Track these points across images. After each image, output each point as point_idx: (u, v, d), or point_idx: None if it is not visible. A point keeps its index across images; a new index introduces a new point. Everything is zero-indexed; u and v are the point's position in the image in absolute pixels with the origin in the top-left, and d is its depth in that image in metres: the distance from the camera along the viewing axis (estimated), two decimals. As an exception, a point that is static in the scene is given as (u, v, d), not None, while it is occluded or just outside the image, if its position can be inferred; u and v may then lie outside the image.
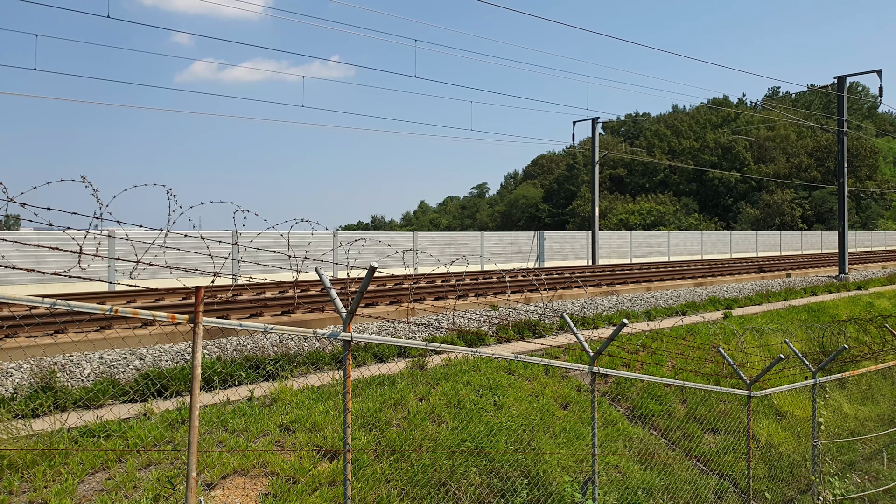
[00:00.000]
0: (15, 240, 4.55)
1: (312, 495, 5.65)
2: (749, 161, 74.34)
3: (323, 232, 24.68)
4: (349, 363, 4.48)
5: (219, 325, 3.94)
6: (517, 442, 7.20)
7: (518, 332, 11.65)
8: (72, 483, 5.28)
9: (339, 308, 4.46)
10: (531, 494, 6.60)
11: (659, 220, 67.67)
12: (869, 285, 21.81)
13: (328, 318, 11.44)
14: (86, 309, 3.62)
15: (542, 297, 14.25)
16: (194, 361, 3.71)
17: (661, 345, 11.38)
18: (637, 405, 9.41)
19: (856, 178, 67.97)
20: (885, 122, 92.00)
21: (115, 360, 8.20)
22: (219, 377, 7.80)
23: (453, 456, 6.56)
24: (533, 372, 9.12)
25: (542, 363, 6.99)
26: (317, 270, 4.59)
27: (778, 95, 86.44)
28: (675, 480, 7.95)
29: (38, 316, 9.86)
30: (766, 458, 9.29)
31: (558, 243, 35.47)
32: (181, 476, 5.41)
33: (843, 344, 12.30)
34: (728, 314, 15.03)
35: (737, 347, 12.47)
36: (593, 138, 33.75)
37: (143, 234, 17.82)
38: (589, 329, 12.39)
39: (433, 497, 6.08)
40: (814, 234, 57.18)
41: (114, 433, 6.07)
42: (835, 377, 10.16)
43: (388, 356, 9.46)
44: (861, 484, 9.77)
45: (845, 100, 23.67)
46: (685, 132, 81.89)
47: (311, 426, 6.58)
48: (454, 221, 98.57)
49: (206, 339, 9.33)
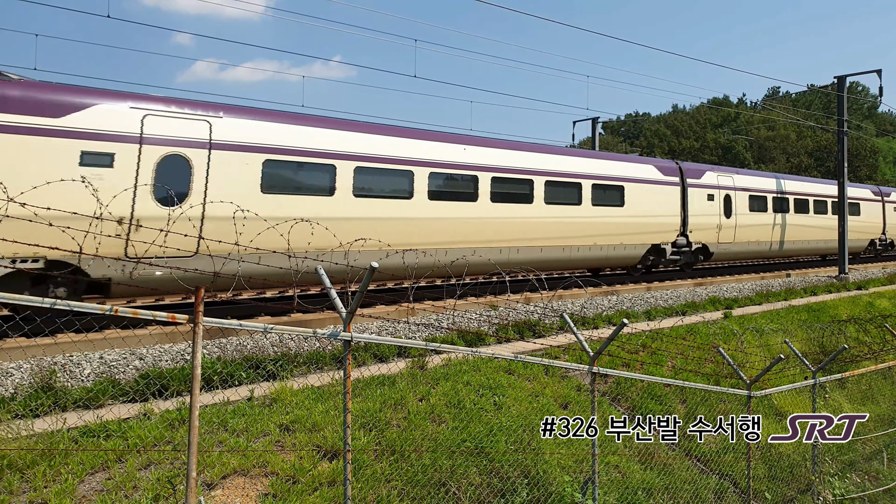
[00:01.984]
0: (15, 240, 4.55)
1: (312, 495, 5.66)
2: (749, 161, 74.34)
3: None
4: (349, 363, 4.49)
5: (219, 325, 3.94)
6: (517, 442, 7.20)
7: (518, 332, 11.65)
8: (72, 483, 5.28)
9: (339, 308, 4.46)
10: (531, 494, 6.60)
11: (659, 220, 67.59)
12: (869, 285, 21.80)
13: (328, 318, 11.44)
14: (86, 309, 3.62)
15: (542, 297, 14.25)
16: (194, 361, 3.71)
17: (661, 345, 11.38)
18: (637, 405, 9.41)
19: (856, 178, 67.96)
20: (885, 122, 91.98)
21: (115, 360, 8.19)
22: (219, 377, 7.80)
23: (453, 456, 6.56)
24: (533, 372, 9.12)
25: (542, 363, 6.99)
26: (317, 270, 4.59)
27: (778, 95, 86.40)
28: (675, 480, 7.96)
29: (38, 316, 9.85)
30: (766, 458, 9.29)
31: (558, 243, 35.34)
32: (181, 476, 5.41)
33: (843, 344, 12.29)
34: (728, 314, 15.03)
35: (737, 347, 12.47)
36: (593, 138, 33.76)
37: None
38: (589, 329, 12.39)
39: (433, 497, 6.08)
40: (814, 234, 57.08)
41: (114, 433, 6.07)
42: (835, 377, 10.16)
43: (388, 356, 9.46)
44: (861, 484, 9.77)
45: (845, 100, 23.66)
46: (685, 132, 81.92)
47: (311, 426, 6.58)
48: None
49: (206, 339, 9.32)
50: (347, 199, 12.09)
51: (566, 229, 15.80)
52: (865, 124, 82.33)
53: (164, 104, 10.27)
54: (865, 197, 29.25)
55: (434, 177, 13.37)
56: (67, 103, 9.31)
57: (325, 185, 11.91)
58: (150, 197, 9.78)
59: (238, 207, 10.05)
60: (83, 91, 9.71)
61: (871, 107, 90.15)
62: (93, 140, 9.32)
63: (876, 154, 75.63)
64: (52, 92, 9.31)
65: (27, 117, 8.87)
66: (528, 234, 14.95)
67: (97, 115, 9.49)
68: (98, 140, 9.37)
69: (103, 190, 9.15)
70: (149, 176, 9.75)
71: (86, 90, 9.77)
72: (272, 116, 11.74)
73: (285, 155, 11.39)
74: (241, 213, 10.01)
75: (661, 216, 18.71)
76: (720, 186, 20.87)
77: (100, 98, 9.66)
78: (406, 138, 13.28)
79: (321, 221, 11.31)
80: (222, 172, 10.48)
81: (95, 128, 9.38)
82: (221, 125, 10.66)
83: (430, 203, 13.25)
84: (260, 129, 11.20)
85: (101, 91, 9.89)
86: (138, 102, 9.99)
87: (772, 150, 75.33)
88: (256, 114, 11.53)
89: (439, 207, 13.38)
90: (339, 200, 11.98)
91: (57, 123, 9.11)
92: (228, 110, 11.05)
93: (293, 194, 11.46)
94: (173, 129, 10.11)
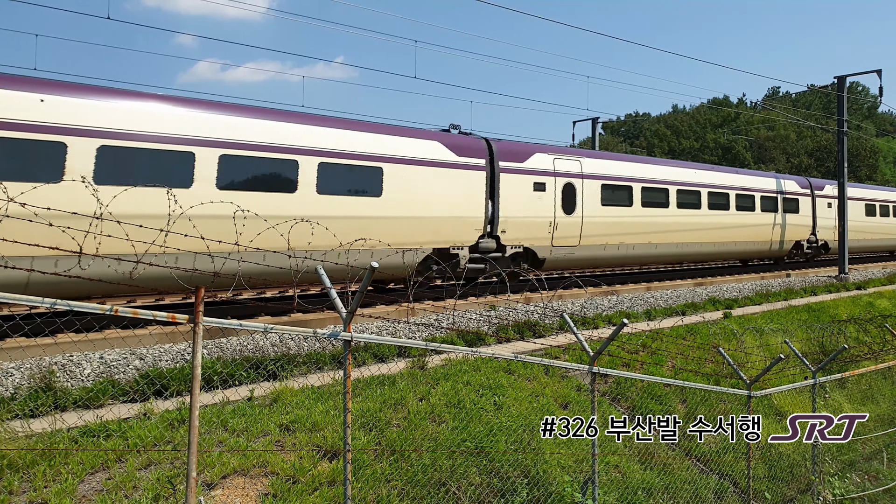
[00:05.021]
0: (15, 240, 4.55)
1: (312, 495, 5.66)
2: (749, 161, 74.36)
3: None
4: (349, 363, 4.48)
5: (219, 325, 3.94)
6: (517, 442, 7.20)
7: (518, 331, 11.64)
8: (72, 483, 5.28)
9: (339, 308, 4.46)
10: (531, 494, 6.60)
11: (659, 220, 67.57)
12: (869, 285, 21.81)
13: (328, 318, 11.44)
14: (86, 309, 3.62)
15: (541, 297, 14.24)
16: (194, 361, 3.71)
17: (661, 345, 11.38)
18: (637, 405, 9.41)
19: (856, 178, 67.97)
20: (885, 122, 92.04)
21: (115, 360, 8.19)
22: (219, 377, 7.80)
23: (453, 456, 6.56)
24: (533, 372, 9.12)
25: (542, 363, 6.99)
26: (317, 270, 4.59)
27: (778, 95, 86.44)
28: (675, 480, 7.95)
29: (38, 316, 9.85)
30: (766, 458, 9.29)
31: (558, 243, 35.39)
32: (181, 476, 5.41)
33: (843, 344, 12.29)
34: (728, 314, 15.03)
35: (737, 347, 12.47)
36: (593, 138, 33.76)
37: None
38: (589, 329, 12.39)
39: (433, 497, 6.08)
40: (814, 234, 57.08)
41: (114, 433, 6.07)
42: (835, 377, 10.16)
43: (388, 356, 9.46)
44: (861, 484, 9.77)
45: (845, 100, 23.65)
46: (685, 132, 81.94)
47: (311, 426, 6.58)
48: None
49: (206, 339, 9.32)
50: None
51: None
52: (865, 124, 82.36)
53: (561, 153, 16.75)
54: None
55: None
56: (524, 152, 15.67)
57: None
58: (560, 208, 16.12)
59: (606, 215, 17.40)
60: (528, 146, 16.12)
61: (871, 107, 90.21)
62: (536, 175, 15.71)
63: (876, 154, 75.64)
64: (518, 146, 15.84)
65: (506, 163, 15.17)
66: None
67: (536, 160, 15.89)
68: (538, 175, 15.76)
69: (542, 204, 15.74)
70: (559, 196, 16.12)
71: (528, 146, 16.08)
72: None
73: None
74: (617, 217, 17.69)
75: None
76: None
77: (536, 150, 16.04)
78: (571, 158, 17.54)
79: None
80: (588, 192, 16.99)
81: (536, 167, 15.80)
82: (586, 163, 17.06)
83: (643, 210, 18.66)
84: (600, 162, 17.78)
85: (536, 146, 16.33)
86: (551, 153, 16.38)
87: (772, 150, 75.33)
88: (602, 156, 18.42)
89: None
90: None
91: (518, 165, 15.43)
92: (589, 154, 17.80)
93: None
94: (566, 167, 16.48)
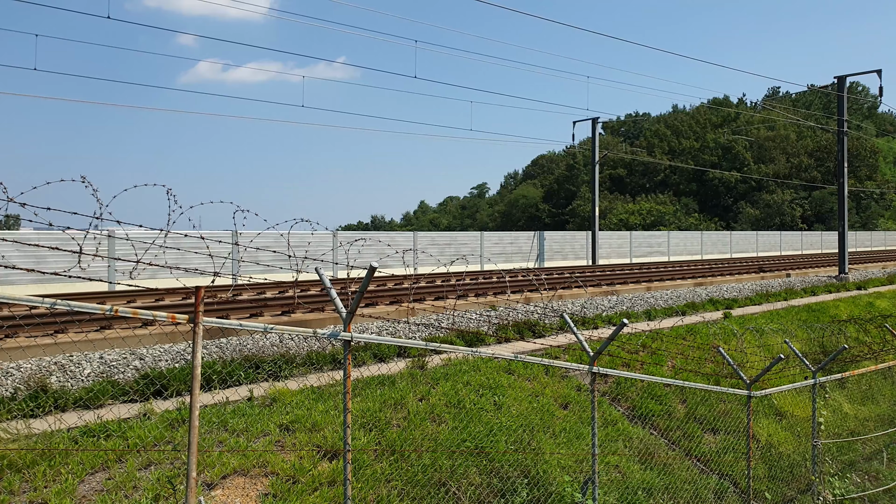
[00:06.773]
0: (15, 240, 4.55)
1: (312, 495, 5.65)
2: (749, 161, 74.31)
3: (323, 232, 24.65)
4: (349, 363, 4.48)
5: (219, 325, 3.94)
6: (517, 442, 7.20)
7: (518, 332, 11.65)
8: (72, 483, 5.28)
9: (339, 308, 4.46)
10: (531, 494, 6.60)
11: (659, 220, 67.64)
12: (869, 285, 21.80)
13: (328, 318, 11.44)
14: (86, 309, 3.62)
15: (542, 297, 14.24)
16: (194, 361, 3.71)
17: (660, 345, 11.37)
18: (637, 405, 9.40)
19: (856, 178, 67.94)
20: (885, 122, 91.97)
21: (115, 360, 8.20)
22: (219, 377, 7.80)
23: (453, 456, 6.56)
24: (533, 372, 9.12)
25: (542, 363, 6.99)
26: (317, 270, 4.58)
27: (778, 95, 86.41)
28: (675, 480, 7.95)
29: (38, 316, 9.85)
30: (766, 458, 9.29)
31: (558, 243, 35.45)
32: (181, 476, 5.41)
33: (843, 344, 12.30)
34: (728, 314, 15.03)
35: (737, 347, 12.47)
36: (593, 138, 33.74)
37: (144, 234, 17.81)
38: (589, 329, 12.39)
39: (433, 497, 6.08)
40: (814, 234, 57.15)
41: (114, 433, 6.06)
42: (835, 377, 10.15)
43: (388, 356, 9.46)
44: (861, 484, 9.76)
45: (845, 100, 23.65)
46: (685, 132, 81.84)
47: (311, 426, 6.58)
48: (454, 221, 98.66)
49: (206, 339, 9.32)
50: None
51: None
52: (865, 124, 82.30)
53: None
54: None
55: None
56: None
57: None
58: None
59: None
60: None
61: (871, 107, 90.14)
62: None
63: (876, 154, 75.57)
64: None
65: None
66: None
67: None
68: None
69: None
70: None
71: None
72: None
73: None
74: None
75: None
76: None
77: None
78: None
79: None
80: None
81: None
82: None
83: None
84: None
85: None
86: None
87: (772, 150, 75.26)
88: None
89: None
90: None
91: None
92: None
93: None
94: None
